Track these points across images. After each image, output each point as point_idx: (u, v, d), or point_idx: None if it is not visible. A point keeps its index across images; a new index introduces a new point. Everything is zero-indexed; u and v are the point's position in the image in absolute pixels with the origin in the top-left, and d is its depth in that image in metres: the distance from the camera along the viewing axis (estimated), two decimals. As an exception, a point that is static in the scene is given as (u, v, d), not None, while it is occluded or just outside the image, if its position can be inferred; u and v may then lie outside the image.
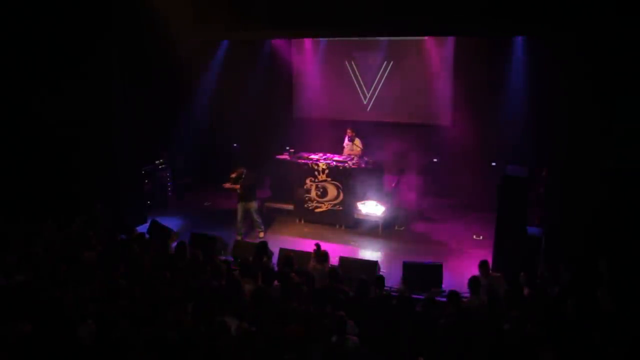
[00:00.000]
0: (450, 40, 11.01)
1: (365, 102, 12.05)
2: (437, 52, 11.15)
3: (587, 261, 6.57)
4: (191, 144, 11.67)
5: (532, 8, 7.27)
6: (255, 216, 9.52)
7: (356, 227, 9.88)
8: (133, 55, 9.62)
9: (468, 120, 10.82)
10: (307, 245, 8.55)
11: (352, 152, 10.45)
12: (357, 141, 10.48)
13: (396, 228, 9.92)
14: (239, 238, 9.12)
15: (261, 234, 9.53)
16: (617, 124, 7.06)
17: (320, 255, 7.30)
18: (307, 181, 10.11)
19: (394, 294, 6.56)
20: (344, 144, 10.65)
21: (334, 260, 7.70)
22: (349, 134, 10.53)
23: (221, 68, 11.77)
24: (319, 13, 8.10)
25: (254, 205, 9.44)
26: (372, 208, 9.75)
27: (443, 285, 7.44)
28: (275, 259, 7.86)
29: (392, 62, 11.66)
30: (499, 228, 8.04)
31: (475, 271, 6.87)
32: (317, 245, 7.49)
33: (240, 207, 9.39)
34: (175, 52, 9.75)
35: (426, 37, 11.04)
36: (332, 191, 9.93)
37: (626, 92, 7.00)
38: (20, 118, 9.52)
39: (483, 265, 6.81)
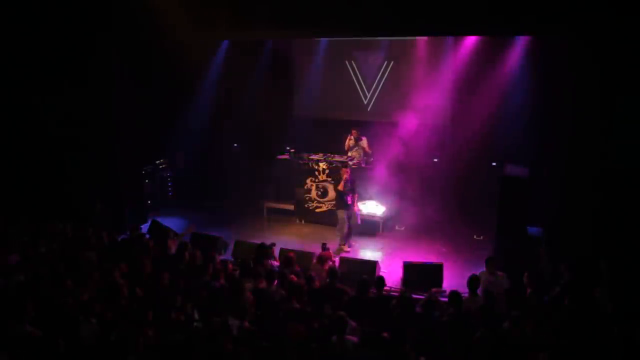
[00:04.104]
0: (450, 40, 11.00)
1: (365, 102, 12.04)
2: (437, 52, 11.15)
3: (587, 261, 6.56)
4: (191, 144, 11.67)
5: (533, 8, 7.27)
6: (339, 225, 9.09)
7: (356, 227, 9.86)
8: (133, 55, 9.62)
9: (468, 120, 10.82)
10: (307, 245, 8.56)
11: (356, 153, 10.43)
12: (364, 141, 10.46)
13: (396, 228, 9.92)
14: (345, 248, 8.92)
15: (344, 247, 9.02)
16: (618, 124, 7.06)
17: (322, 256, 7.31)
18: (308, 181, 10.12)
19: (394, 294, 6.56)
20: (347, 146, 10.59)
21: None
22: (354, 134, 10.50)
23: (221, 68, 11.77)
24: (319, 13, 8.10)
25: (339, 213, 9.07)
26: (372, 208, 9.75)
27: (443, 285, 7.43)
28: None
29: (392, 62, 11.65)
30: (499, 228, 8.04)
31: (476, 271, 6.86)
32: (323, 245, 7.52)
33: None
34: (176, 52, 9.76)
35: (426, 37, 11.03)
36: (332, 191, 9.92)
37: (627, 92, 7.00)
38: (20, 118, 9.53)
39: (491, 261, 6.79)
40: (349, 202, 8.90)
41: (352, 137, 10.58)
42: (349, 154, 10.56)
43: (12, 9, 8.90)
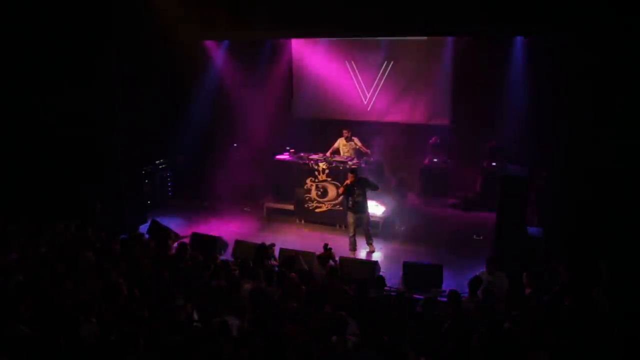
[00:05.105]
0: (450, 40, 11.01)
1: (365, 102, 12.04)
2: (437, 52, 11.16)
3: (587, 261, 6.57)
4: (191, 144, 11.68)
5: (532, 8, 7.27)
6: (360, 229, 8.92)
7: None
8: (134, 56, 9.62)
9: (468, 120, 10.83)
10: (307, 245, 8.55)
11: (348, 153, 10.40)
12: (356, 140, 10.42)
13: (396, 228, 9.91)
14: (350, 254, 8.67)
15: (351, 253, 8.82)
16: (617, 124, 7.07)
17: (323, 256, 7.32)
18: (307, 181, 10.11)
19: (393, 294, 6.56)
20: (336, 145, 10.52)
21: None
22: (346, 134, 10.45)
23: (221, 68, 11.77)
24: (319, 13, 8.10)
25: (348, 217, 8.89)
26: (372, 208, 9.73)
27: (443, 285, 7.44)
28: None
29: (392, 62, 11.66)
30: (499, 228, 8.04)
31: (475, 271, 6.87)
32: (325, 245, 7.51)
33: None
34: (176, 52, 9.76)
35: (426, 37, 11.04)
36: (332, 191, 9.92)
37: (626, 92, 7.00)
38: (21, 118, 9.54)
39: (492, 260, 6.81)
40: (351, 203, 8.77)
41: (343, 138, 10.47)
42: (344, 154, 10.47)
43: (13, 9, 8.90)
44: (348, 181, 8.69)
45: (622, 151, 7.01)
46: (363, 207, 8.79)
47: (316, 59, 12.09)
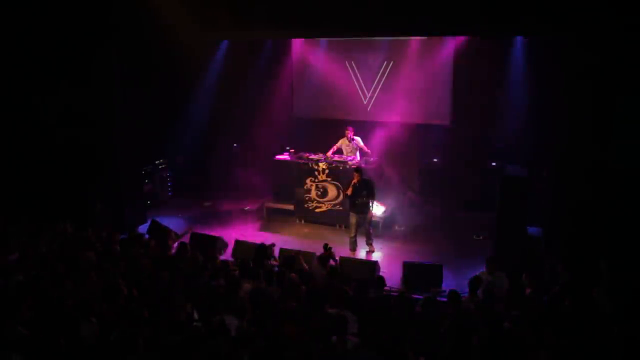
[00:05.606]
0: (450, 40, 11.01)
1: (365, 102, 12.04)
2: (437, 52, 11.15)
3: (587, 261, 6.57)
4: (191, 144, 11.68)
5: (532, 8, 7.27)
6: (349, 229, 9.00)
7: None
8: (133, 56, 9.63)
9: (468, 120, 10.83)
10: (307, 245, 8.55)
11: (351, 153, 10.39)
12: (358, 139, 10.42)
13: (396, 228, 9.91)
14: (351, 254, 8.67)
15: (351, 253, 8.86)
16: (617, 124, 7.07)
17: (323, 256, 7.32)
18: (307, 181, 10.11)
19: (394, 294, 6.56)
20: (339, 145, 10.52)
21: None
22: (348, 134, 10.45)
23: (221, 68, 11.77)
24: (319, 13, 8.10)
25: (350, 217, 8.92)
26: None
27: (443, 285, 7.44)
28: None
29: (392, 62, 11.65)
30: (499, 228, 8.04)
31: (475, 271, 6.87)
32: (325, 245, 7.50)
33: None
34: (176, 52, 9.76)
35: (426, 37, 11.04)
36: (332, 191, 9.92)
37: (626, 92, 7.00)
38: (21, 118, 9.54)
39: (492, 260, 6.81)
40: (357, 204, 8.73)
41: (345, 137, 10.46)
42: (347, 154, 10.47)
43: (13, 8, 8.90)
44: (354, 180, 8.67)
45: (622, 151, 7.01)
46: (367, 207, 8.78)
47: (316, 59, 12.09)
